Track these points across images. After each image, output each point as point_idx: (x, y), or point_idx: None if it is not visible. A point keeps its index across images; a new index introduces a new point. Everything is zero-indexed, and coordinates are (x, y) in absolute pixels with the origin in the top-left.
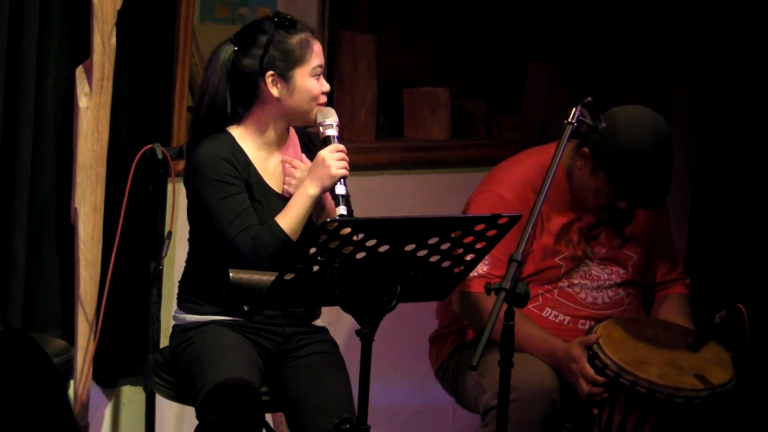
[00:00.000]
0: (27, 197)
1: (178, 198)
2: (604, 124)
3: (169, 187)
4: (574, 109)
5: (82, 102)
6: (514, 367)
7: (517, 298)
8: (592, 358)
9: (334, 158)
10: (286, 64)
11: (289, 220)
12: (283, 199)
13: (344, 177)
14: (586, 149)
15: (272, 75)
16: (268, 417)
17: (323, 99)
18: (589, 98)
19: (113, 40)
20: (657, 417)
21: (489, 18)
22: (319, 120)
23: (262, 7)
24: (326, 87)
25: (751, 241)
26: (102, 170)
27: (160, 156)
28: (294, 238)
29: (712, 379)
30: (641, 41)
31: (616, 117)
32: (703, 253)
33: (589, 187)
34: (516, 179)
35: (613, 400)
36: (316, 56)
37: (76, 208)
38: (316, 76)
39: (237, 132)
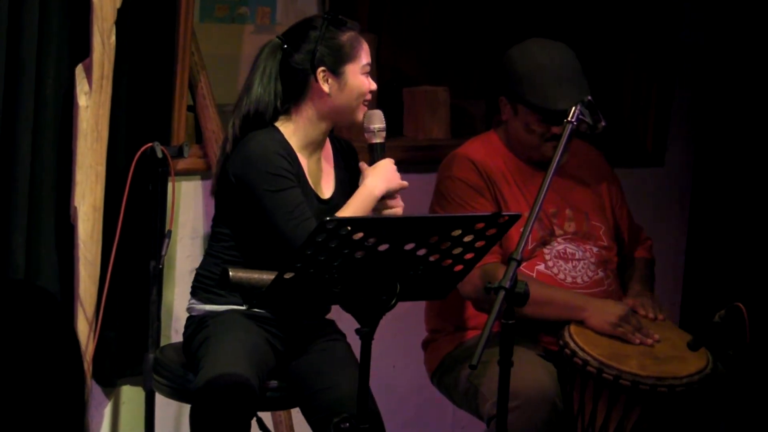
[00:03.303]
0: (26, 196)
1: (177, 197)
2: (603, 123)
3: (169, 185)
4: (573, 108)
5: (82, 101)
6: (514, 373)
7: (516, 298)
8: (571, 356)
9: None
10: (337, 60)
11: (351, 216)
12: (320, 201)
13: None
14: (502, 97)
15: (324, 71)
16: (268, 417)
17: (369, 97)
18: (589, 97)
19: (113, 38)
20: (642, 409)
21: (488, 18)
22: (366, 124)
23: (261, 6)
24: (374, 86)
25: (751, 240)
26: (102, 169)
27: (159, 155)
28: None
29: (690, 366)
30: (640, 45)
31: (506, 57)
32: (702, 252)
33: (519, 129)
34: (463, 161)
35: (597, 396)
36: (366, 54)
37: (75, 207)
38: (366, 74)
39: (284, 128)
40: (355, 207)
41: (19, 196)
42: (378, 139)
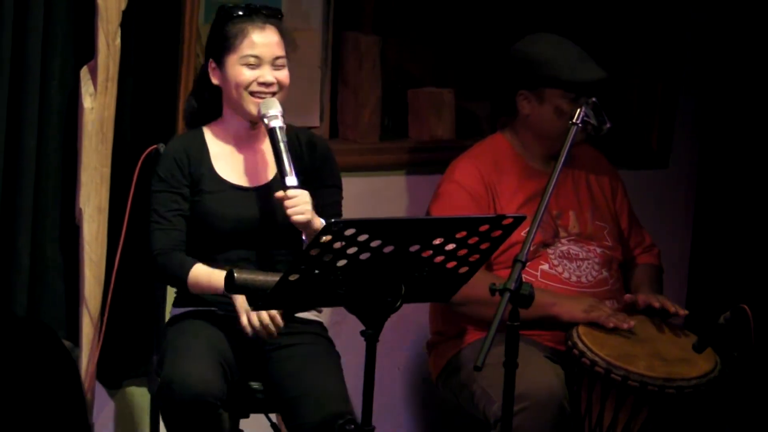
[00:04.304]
0: (31, 198)
1: None
2: (608, 125)
3: None
4: (578, 110)
5: (87, 103)
6: (522, 375)
7: (521, 299)
8: (579, 357)
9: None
10: (220, 51)
11: (202, 280)
12: (238, 189)
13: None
14: (522, 91)
15: (211, 62)
16: (272, 415)
17: (259, 88)
18: (594, 99)
19: (118, 40)
20: (649, 410)
21: (493, 19)
22: (262, 112)
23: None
24: (265, 78)
25: (756, 242)
26: (106, 171)
27: None
28: (192, 290)
29: (698, 367)
30: (645, 45)
31: (515, 51)
32: (707, 254)
33: (548, 115)
34: (468, 167)
35: (604, 397)
36: (250, 46)
37: (80, 209)
38: (248, 65)
39: (210, 128)
40: (208, 284)
41: (24, 197)
42: (274, 124)
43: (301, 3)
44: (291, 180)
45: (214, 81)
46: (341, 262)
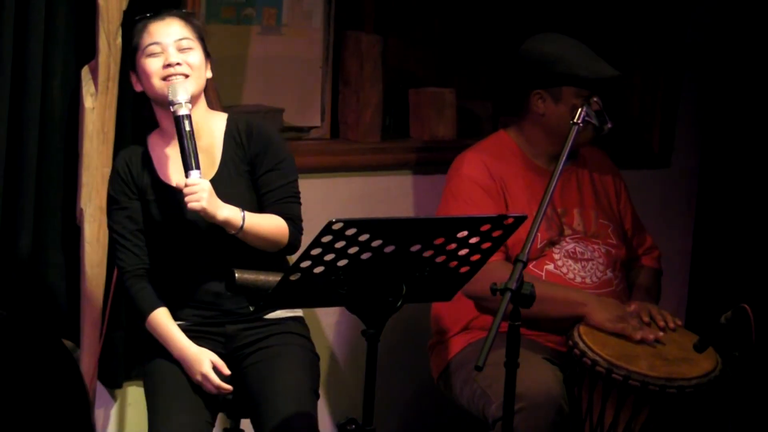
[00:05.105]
0: (33, 197)
1: None
2: (610, 125)
3: None
4: (579, 110)
5: (88, 102)
6: (520, 375)
7: (523, 299)
8: (580, 356)
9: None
10: (132, 57)
11: (158, 333)
12: (170, 190)
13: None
14: (536, 91)
15: (132, 73)
16: None
17: (167, 71)
18: (596, 98)
19: (119, 40)
20: (650, 410)
21: (495, 18)
22: (170, 98)
23: (267, 7)
24: (170, 59)
25: (757, 241)
26: (108, 171)
27: None
28: (143, 323)
29: (699, 367)
30: (646, 46)
31: (527, 51)
32: (708, 253)
33: (562, 116)
34: (474, 160)
35: (605, 397)
36: (149, 35)
37: (81, 209)
38: (153, 55)
39: (151, 135)
40: (163, 337)
41: (26, 197)
42: (181, 112)
43: (302, 2)
44: (194, 174)
45: (138, 89)
46: (342, 262)
